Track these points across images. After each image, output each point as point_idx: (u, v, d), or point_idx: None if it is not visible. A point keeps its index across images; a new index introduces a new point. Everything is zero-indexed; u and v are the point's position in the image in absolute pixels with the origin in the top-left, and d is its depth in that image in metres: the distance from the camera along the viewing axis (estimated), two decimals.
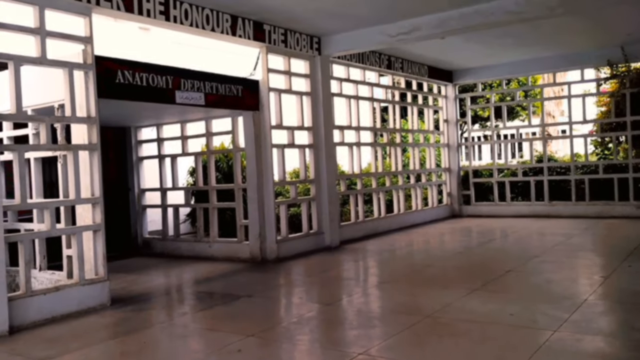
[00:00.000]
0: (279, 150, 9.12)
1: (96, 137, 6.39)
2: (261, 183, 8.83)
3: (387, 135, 12.39)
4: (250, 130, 8.84)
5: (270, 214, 8.82)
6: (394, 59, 11.85)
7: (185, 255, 9.67)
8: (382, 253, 9.43)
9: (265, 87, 8.78)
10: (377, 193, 11.60)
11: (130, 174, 10.43)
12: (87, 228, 6.40)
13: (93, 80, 6.38)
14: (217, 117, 9.35)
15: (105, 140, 10.33)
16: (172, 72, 7.50)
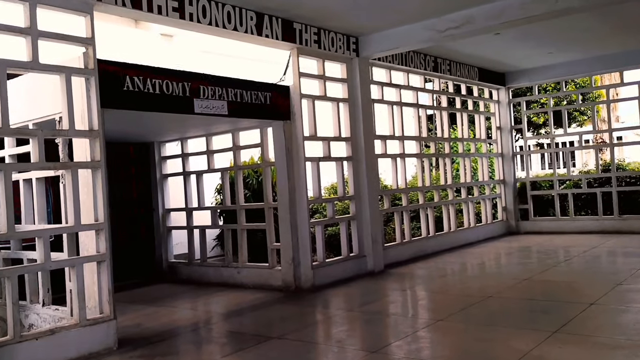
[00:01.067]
0: (314, 163, 8.10)
1: (99, 153, 5.51)
2: (294, 201, 7.82)
3: (435, 145, 11.21)
4: (281, 142, 7.86)
5: (304, 236, 7.79)
6: (440, 60, 10.72)
7: (212, 282, 8.73)
8: (433, 280, 8.25)
9: (297, 94, 7.80)
10: (424, 209, 10.43)
11: (154, 192, 9.59)
12: (90, 259, 5.50)
13: (95, 87, 5.52)
14: (245, 128, 8.41)
15: (127, 157, 9.63)
16: (189, 78, 6.60)
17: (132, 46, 9.14)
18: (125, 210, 9.52)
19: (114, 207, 9.38)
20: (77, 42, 5.46)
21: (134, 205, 9.62)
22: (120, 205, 9.50)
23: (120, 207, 9.46)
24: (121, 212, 9.49)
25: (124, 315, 7.00)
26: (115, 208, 9.38)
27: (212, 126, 8.25)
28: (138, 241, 9.62)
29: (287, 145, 7.83)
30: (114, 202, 9.38)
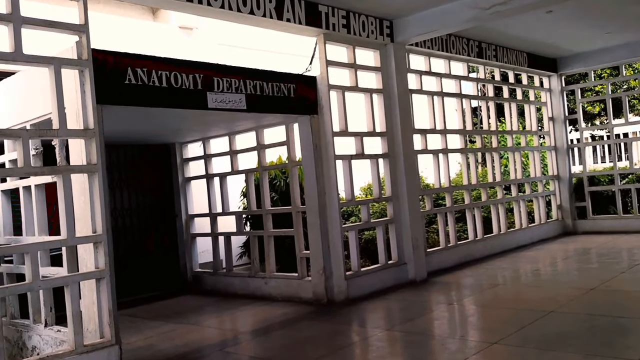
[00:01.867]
0: (345, 162, 7.28)
1: (96, 155, 4.84)
2: (323, 204, 7.02)
3: (481, 138, 10.22)
4: (308, 139, 7.07)
5: (336, 243, 6.98)
6: (485, 45, 9.73)
7: (239, 294, 8.02)
8: (483, 290, 7.31)
9: (325, 85, 6.99)
10: (471, 210, 9.46)
11: (176, 197, 8.94)
12: (86, 276, 4.83)
13: (90, 81, 4.85)
14: (269, 125, 7.65)
15: (147, 159, 9.02)
16: (202, 69, 5.88)
17: (150, 40, 8.52)
18: (146, 217, 8.92)
19: (134, 214, 8.82)
20: (68, 29, 4.80)
21: (156, 211, 9.01)
22: (141, 212, 8.90)
23: (141, 213, 8.87)
24: (142, 220, 8.89)
25: (139, 334, 6.38)
26: (135, 215, 8.82)
27: (234, 124, 7.53)
28: (161, 250, 8.99)
29: (314, 142, 7.03)
30: (134, 209, 8.81)
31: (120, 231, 8.66)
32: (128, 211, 8.74)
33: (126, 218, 8.75)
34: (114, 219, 8.58)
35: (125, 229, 8.71)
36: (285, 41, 8.57)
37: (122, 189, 8.71)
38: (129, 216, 8.73)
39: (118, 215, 8.63)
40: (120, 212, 8.67)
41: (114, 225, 8.56)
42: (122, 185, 8.72)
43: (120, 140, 8.33)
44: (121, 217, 8.66)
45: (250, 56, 9.29)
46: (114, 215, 8.57)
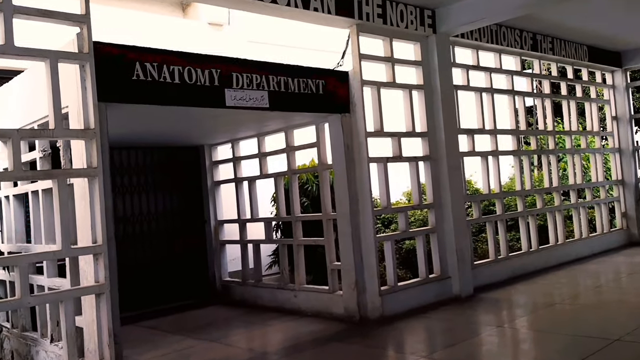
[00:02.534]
0: (380, 165, 6.62)
1: (96, 157, 4.38)
2: (355, 211, 6.39)
3: (536, 140, 9.33)
4: (339, 140, 6.46)
5: (369, 254, 6.34)
6: (541, 37, 8.87)
7: (267, 306, 7.48)
8: (538, 310, 6.49)
9: (358, 80, 6.36)
10: (524, 218, 8.60)
11: (205, 202, 8.50)
12: (83, 291, 4.38)
13: (91, 76, 4.40)
14: (299, 125, 7.09)
15: (175, 162, 8.61)
16: (219, 63, 5.37)
17: (179, 37, 8.11)
18: (175, 222, 8.51)
19: (162, 218, 8.43)
20: (67, 20, 4.38)
21: (185, 216, 8.59)
22: (169, 217, 8.50)
23: (168, 218, 8.46)
24: (170, 225, 8.48)
25: (154, 350, 5.93)
26: (163, 220, 8.42)
27: (262, 124, 7.00)
28: (190, 257, 8.56)
29: (346, 143, 6.41)
30: (162, 213, 8.41)
31: (147, 236, 8.29)
32: (155, 216, 8.34)
33: (153, 223, 8.35)
34: (140, 224, 8.23)
35: (152, 234, 8.31)
36: (322, 37, 8.01)
37: (149, 192, 8.32)
38: (155, 221, 8.33)
39: (144, 220, 8.25)
40: (147, 216, 8.28)
41: (141, 230, 8.22)
42: (148, 188, 8.33)
43: (148, 142, 7.95)
44: (147, 222, 8.28)
45: (283, 53, 8.76)
46: (140, 220, 8.20)
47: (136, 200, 8.28)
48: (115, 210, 7.97)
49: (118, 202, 8.11)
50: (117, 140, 7.48)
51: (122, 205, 8.13)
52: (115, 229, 7.85)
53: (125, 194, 8.21)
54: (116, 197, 8.10)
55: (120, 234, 8.05)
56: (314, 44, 8.86)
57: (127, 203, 8.18)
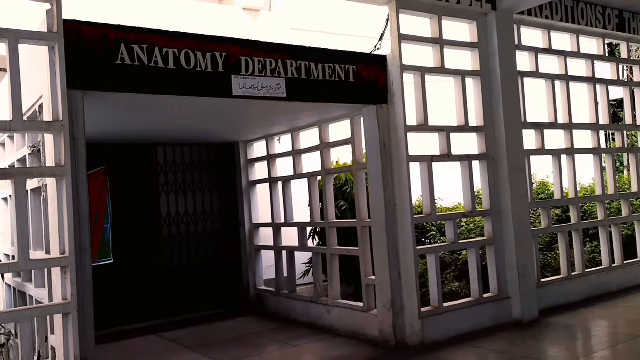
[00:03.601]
0: (424, 165, 5.64)
1: (64, 154, 3.75)
2: (392, 218, 5.47)
3: (622, 136, 7.94)
4: (374, 136, 5.55)
5: (408, 269, 5.40)
6: (629, 15, 7.50)
7: (300, 321, 6.72)
8: (620, 343, 5.30)
9: (397, 66, 5.43)
10: (606, 227, 7.29)
11: (240, 203, 7.83)
12: (45, 311, 3.77)
13: (59, 60, 3.78)
14: (334, 119, 6.24)
15: (209, 160, 7.99)
16: (223, 45, 4.63)
17: (213, 24, 7.48)
18: (207, 225, 7.91)
19: (194, 220, 7.85)
20: None
21: (218, 218, 7.97)
22: (207, 219, 7.90)
23: (207, 220, 7.87)
24: (203, 228, 7.89)
25: None
26: (194, 222, 7.84)
27: (295, 117, 6.20)
28: (223, 262, 7.93)
29: (381, 140, 5.50)
30: (193, 215, 7.83)
31: (176, 240, 7.74)
32: (185, 217, 7.76)
33: (183, 225, 7.78)
34: (168, 226, 7.68)
35: (181, 237, 7.74)
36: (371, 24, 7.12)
37: (178, 192, 7.76)
38: (185, 223, 7.76)
39: (172, 222, 7.70)
40: (175, 218, 7.72)
41: (170, 233, 7.67)
42: (178, 188, 7.77)
43: (176, 138, 7.37)
44: (176, 225, 7.72)
45: (326, 40, 7.95)
46: (169, 221, 7.65)
47: (174, 200, 7.78)
48: (158, 210, 7.69)
49: (162, 201, 7.64)
50: (156, 136, 6.99)
51: (167, 205, 7.68)
52: (157, 230, 7.54)
53: (170, 193, 7.72)
54: (160, 196, 7.63)
55: (164, 235, 7.61)
56: (363, 31, 7.96)
57: (170, 202, 7.72)
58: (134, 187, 7.44)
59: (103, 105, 4.71)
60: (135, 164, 7.52)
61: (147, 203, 7.60)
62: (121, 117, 5.46)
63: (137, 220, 7.44)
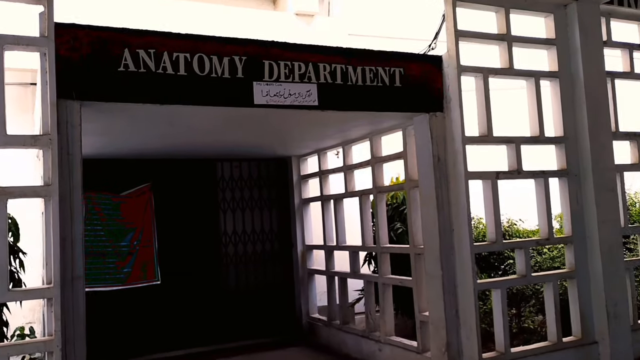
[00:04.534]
0: (487, 183, 4.79)
1: (51, 172, 3.35)
2: (448, 246, 4.67)
3: None
4: (426, 148, 4.79)
5: (467, 306, 4.57)
6: None
7: (351, 356, 6.02)
8: None
9: (453, 67, 4.65)
10: None
11: (292, 222, 7.27)
12: (29, 348, 3.34)
13: (49, 66, 3.39)
14: (386, 130, 5.53)
15: (262, 176, 7.49)
16: (244, 46, 4.08)
17: (267, 31, 7.03)
18: (261, 245, 7.39)
19: (243, 241, 7.37)
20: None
21: (270, 238, 7.44)
22: (257, 240, 7.40)
23: (248, 241, 7.37)
24: (259, 248, 7.38)
25: None
26: (242, 242, 7.36)
27: (342, 128, 5.56)
28: (276, 286, 7.37)
29: (435, 153, 4.72)
30: (242, 235, 7.36)
31: (232, 261, 7.28)
32: (234, 237, 7.29)
33: (241, 245, 7.30)
34: (225, 246, 7.21)
35: (229, 258, 7.26)
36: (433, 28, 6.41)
37: (235, 210, 7.32)
38: (233, 244, 7.28)
39: (229, 242, 7.24)
40: (232, 237, 7.27)
41: (226, 253, 7.21)
42: (235, 206, 7.33)
43: (225, 154, 6.94)
44: (233, 244, 7.26)
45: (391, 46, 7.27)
46: (217, 242, 7.21)
47: (230, 218, 7.34)
48: (218, 229, 7.28)
49: (220, 219, 7.26)
50: (200, 151, 6.59)
51: (224, 223, 7.28)
52: (216, 250, 7.11)
53: (227, 211, 7.32)
54: (219, 214, 7.24)
55: (221, 255, 7.21)
56: (427, 35, 7.22)
57: (227, 221, 7.31)
58: (193, 204, 7.08)
59: (125, 117, 4.33)
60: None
61: (207, 221, 7.19)
62: (154, 131, 5.06)
63: (195, 239, 7.06)
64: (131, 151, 6.19)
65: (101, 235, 6.33)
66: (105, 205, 6.37)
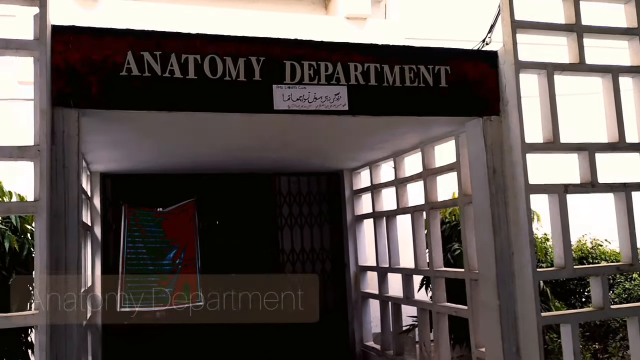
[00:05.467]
0: (554, 198, 4.05)
1: (39, 187, 3.06)
2: (507, 272, 3.98)
3: None
4: (479, 157, 4.14)
5: (530, 344, 3.85)
6: None
7: None
8: None
9: (510, 63, 3.98)
10: None
11: (345, 241, 6.74)
12: None
13: (41, 72, 3.12)
14: (438, 138, 4.92)
15: (314, 191, 7.05)
16: (262, 45, 3.65)
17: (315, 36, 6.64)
18: (309, 265, 6.92)
19: (294, 260, 6.93)
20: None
21: (322, 258, 6.94)
22: (304, 259, 6.94)
23: (297, 260, 6.91)
24: (303, 269, 6.92)
25: None
26: (296, 262, 6.91)
27: (386, 136, 4.97)
28: (328, 310, 6.84)
29: (490, 163, 4.06)
30: (310, 254, 6.89)
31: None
32: (302, 255, 6.87)
33: (299, 264, 6.86)
34: (292, 264, 6.80)
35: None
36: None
37: (293, 226, 6.94)
38: (301, 262, 6.87)
39: (287, 261, 6.85)
40: (290, 256, 6.86)
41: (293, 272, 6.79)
42: (293, 222, 6.94)
43: (274, 167, 6.54)
44: (291, 263, 6.85)
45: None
46: (283, 259, 6.78)
47: (288, 235, 6.96)
48: (277, 246, 6.88)
49: (278, 236, 6.89)
50: (264, 165, 6.25)
51: (282, 240, 6.91)
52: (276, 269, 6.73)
53: (284, 227, 6.95)
54: (277, 231, 6.86)
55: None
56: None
57: (285, 238, 6.95)
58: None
59: (137, 127, 4.03)
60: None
61: (260, 238, 6.84)
62: (181, 143, 4.75)
63: (255, 256, 6.73)
64: (172, 165, 5.95)
65: (143, 252, 6.09)
66: (147, 221, 6.14)
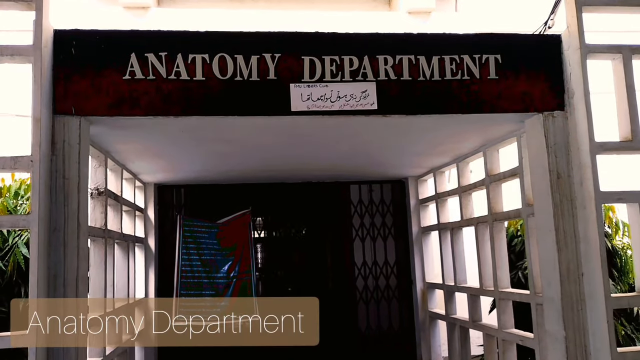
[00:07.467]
0: (633, 208, 3.34)
1: (35, 199, 2.90)
2: (574, 296, 3.32)
3: None
4: (541, 160, 3.50)
5: None
6: None
7: None
8: None
9: (576, 48, 3.34)
10: None
11: (411, 255, 6.20)
12: None
13: (35, 79, 2.98)
14: (501, 138, 4.29)
15: (379, 200, 6.56)
16: (276, 41, 3.30)
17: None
18: (372, 280, 6.44)
19: (357, 275, 6.49)
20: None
21: (386, 273, 6.43)
22: (369, 274, 6.46)
23: (367, 275, 6.44)
24: (367, 284, 6.45)
25: None
26: (358, 277, 6.47)
27: (461, 139, 4.42)
28: (394, 330, 6.33)
29: (552, 167, 3.42)
30: (383, 268, 6.45)
31: (363, 297, 6.42)
32: (374, 269, 6.43)
33: (372, 279, 6.42)
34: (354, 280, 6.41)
35: (368, 294, 6.38)
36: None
37: (365, 239, 6.49)
38: (374, 276, 6.42)
39: (365, 274, 6.43)
40: (362, 270, 6.43)
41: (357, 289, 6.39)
42: (364, 234, 6.49)
43: (330, 175, 6.16)
44: (363, 277, 6.43)
45: None
46: (363, 273, 6.40)
47: (359, 247, 6.54)
48: (350, 259, 6.51)
49: (349, 249, 6.51)
50: (319, 174, 5.93)
51: (353, 254, 6.51)
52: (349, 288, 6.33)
53: (355, 239, 6.55)
54: (348, 243, 6.50)
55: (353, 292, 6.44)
56: None
57: (356, 251, 6.55)
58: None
59: (153, 134, 3.82)
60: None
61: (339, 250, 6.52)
62: (213, 150, 4.50)
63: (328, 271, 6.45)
64: (226, 175, 5.76)
65: (197, 265, 5.93)
66: (201, 233, 5.98)
